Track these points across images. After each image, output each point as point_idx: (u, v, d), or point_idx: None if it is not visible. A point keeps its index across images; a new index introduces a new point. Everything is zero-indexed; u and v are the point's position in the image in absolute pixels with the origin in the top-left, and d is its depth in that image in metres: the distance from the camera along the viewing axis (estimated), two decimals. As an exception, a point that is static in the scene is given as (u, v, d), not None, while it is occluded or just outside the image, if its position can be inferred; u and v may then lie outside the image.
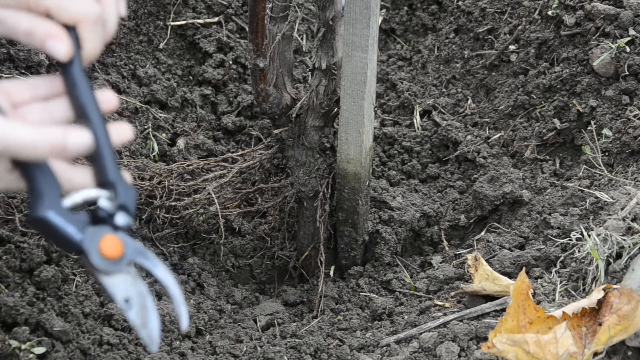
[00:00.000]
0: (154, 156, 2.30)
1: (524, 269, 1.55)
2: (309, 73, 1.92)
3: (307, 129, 1.96)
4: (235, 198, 2.19)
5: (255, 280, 2.18)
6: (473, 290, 1.79)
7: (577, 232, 1.79)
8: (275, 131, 2.01)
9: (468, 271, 1.81)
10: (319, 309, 2.00)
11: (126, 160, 2.20)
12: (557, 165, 2.17)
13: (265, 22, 1.82)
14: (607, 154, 2.03)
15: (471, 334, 1.66)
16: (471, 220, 2.14)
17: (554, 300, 1.68)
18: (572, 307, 1.56)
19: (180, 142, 2.40)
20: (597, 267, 1.65)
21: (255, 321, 1.95)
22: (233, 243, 2.19)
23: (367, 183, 1.97)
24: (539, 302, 1.70)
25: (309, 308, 2.05)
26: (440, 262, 2.08)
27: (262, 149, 2.13)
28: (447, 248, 2.10)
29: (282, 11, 1.81)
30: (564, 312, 1.54)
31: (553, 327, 1.51)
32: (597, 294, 1.56)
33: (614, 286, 1.57)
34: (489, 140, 2.29)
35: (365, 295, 2.00)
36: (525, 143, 2.23)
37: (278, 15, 1.82)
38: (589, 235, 1.69)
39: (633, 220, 1.70)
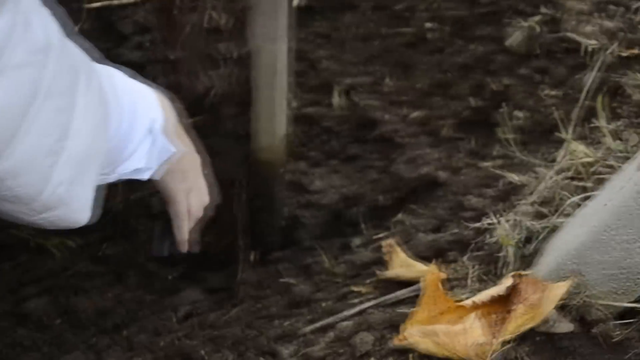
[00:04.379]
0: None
1: (433, 261, 1.54)
2: (222, 62, 1.88)
3: (222, 117, 1.93)
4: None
5: (179, 266, 2.15)
6: (389, 277, 1.78)
7: (489, 216, 1.79)
8: (190, 120, 1.97)
9: (384, 258, 1.80)
10: (239, 297, 1.98)
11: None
12: (473, 144, 2.17)
13: (174, 12, 1.78)
14: (521, 132, 2.03)
15: (386, 322, 1.66)
16: (390, 202, 2.13)
17: (466, 286, 1.68)
18: (482, 296, 1.56)
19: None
20: (507, 253, 1.65)
21: (175, 311, 1.93)
22: (153, 228, 2.16)
23: (281, 171, 1.96)
24: (452, 288, 1.70)
25: (229, 295, 2.03)
26: (359, 245, 2.07)
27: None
28: (364, 231, 2.08)
29: (190, 2, 1.77)
30: (473, 302, 1.54)
31: (463, 317, 1.51)
32: (506, 282, 1.57)
33: (524, 272, 1.58)
34: (407, 119, 2.28)
35: (284, 282, 1.98)
36: (442, 122, 2.23)
37: (187, 6, 1.78)
38: (499, 222, 1.69)
39: (541, 204, 1.71)
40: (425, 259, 1.85)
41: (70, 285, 1.89)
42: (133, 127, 1.28)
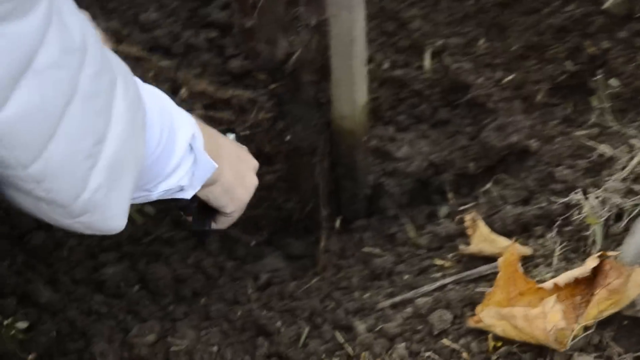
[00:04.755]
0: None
1: (514, 239, 1.50)
2: (300, 28, 1.86)
3: (303, 84, 1.92)
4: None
5: (262, 232, 2.15)
6: (471, 252, 1.75)
7: (578, 191, 1.73)
8: (271, 86, 1.96)
9: (466, 232, 1.76)
10: (320, 266, 1.97)
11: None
12: (569, 110, 2.09)
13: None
14: (617, 99, 1.95)
15: (465, 300, 1.63)
16: (479, 170, 2.08)
17: (551, 264, 1.63)
18: (565, 277, 1.52)
19: (184, 90, 2.36)
20: (594, 231, 1.60)
21: (255, 279, 1.93)
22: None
23: (364, 138, 1.93)
24: (536, 266, 1.66)
25: (312, 262, 2.02)
26: (445, 215, 2.03)
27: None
28: (451, 200, 2.04)
29: (267, -33, 1.75)
30: (554, 283, 1.50)
31: (543, 300, 1.47)
32: (591, 262, 1.52)
33: (610, 253, 1.52)
34: (501, 83, 2.21)
35: (366, 251, 1.97)
36: (537, 87, 2.15)
37: (264, -28, 1.76)
38: (587, 198, 1.63)
39: (634, 180, 1.64)
40: (511, 233, 1.81)
41: (150, 251, 1.90)
42: (174, 141, 1.27)
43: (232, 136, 1.79)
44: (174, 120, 1.30)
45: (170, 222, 2.02)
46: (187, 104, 2.27)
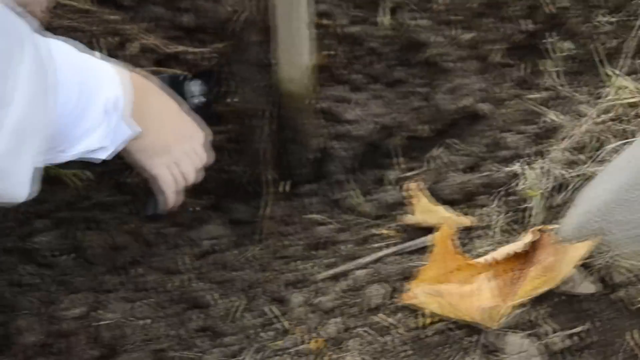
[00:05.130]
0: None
1: (445, 222, 1.46)
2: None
3: (249, 45, 1.87)
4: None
5: (208, 195, 2.12)
6: (413, 223, 1.72)
7: (522, 160, 1.70)
8: (218, 45, 1.92)
9: (409, 202, 1.73)
10: (263, 232, 1.94)
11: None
12: (522, 71, 2.05)
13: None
14: (570, 62, 1.91)
15: (404, 273, 1.61)
16: (429, 133, 2.04)
17: (490, 237, 1.60)
18: (501, 252, 1.50)
19: (133, 45, 2.30)
20: (533, 204, 1.57)
21: (194, 247, 1.90)
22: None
23: (312, 102, 1.89)
24: (477, 238, 1.63)
25: (253, 229, 1.99)
26: (395, 180, 2.00)
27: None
28: (400, 165, 2.01)
29: None
30: (486, 259, 1.47)
31: (475, 276, 1.45)
32: (528, 237, 1.49)
33: (547, 227, 1.49)
34: (458, 42, 2.16)
35: (310, 218, 1.94)
36: (492, 46, 2.11)
37: None
38: (530, 168, 1.60)
39: (577, 150, 1.61)
40: (454, 202, 1.78)
41: (85, 218, 1.87)
42: (87, 105, 1.24)
43: (197, 83, 1.76)
44: (90, 80, 1.26)
45: (111, 186, 1.99)
46: (136, 59, 2.23)
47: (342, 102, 2.11)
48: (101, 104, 1.28)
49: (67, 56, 1.23)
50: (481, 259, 1.47)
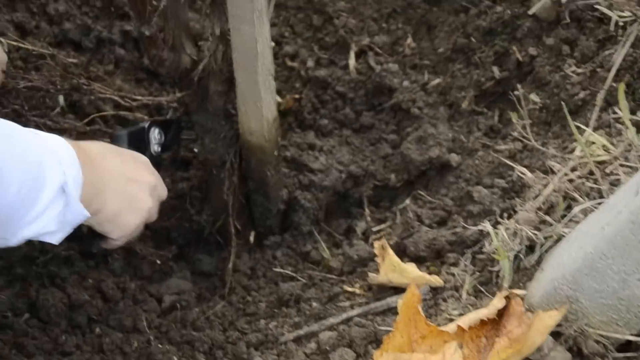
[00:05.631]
0: (60, 108, 2.18)
1: (413, 285, 1.44)
2: (206, 37, 1.78)
3: (211, 94, 1.85)
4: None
5: (172, 245, 2.09)
6: (380, 282, 1.70)
7: (493, 216, 1.68)
8: (177, 95, 1.89)
9: (375, 260, 1.72)
10: (229, 286, 1.91)
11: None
12: (495, 119, 2.04)
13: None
14: (539, 114, 1.90)
15: (370, 336, 1.59)
16: (400, 183, 2.03)
17: (460, 299, 1.59)
18: (469, 319, 1.47)
19: (93, 89, 2.27)
20: (503, 266, 1.55)
21: (159, 302, 1.87)
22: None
23: (275, 153, 1.88)
24: (445, 299, 1.62)
25: (221, 282, 1.97)
26: (363, 231, 1.98)
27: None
28: (369, 216, 1.99)
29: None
30: (458, 326, 1.45)
31: (445, 344, 1.43)
32: (496, 302, 1.47)
33: (517, 291, 1.48)
34: (427, 87, 2.16)
35: (277, 272, 1.92)
36: (463, 93, 2.10)
37: (161, -19, 1.68)
38: (497, 229, 1.58)
39: (547, 209, 1.59)
40: (422, 259, 1.77)
41: (44, 273, 1.84)
42: (39, 189, 1.21)
43: (156, 131, 1.78)
44: (43, 167, 1.24)
45: (68, 239, 1.95)
46: (94, 105, 2.20)
47: (308, 150, 2.09)
48: (53, 189, 1.25)
49: (11, 142, 1.20)
50: (448, 327, 1.45)
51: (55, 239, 1.30)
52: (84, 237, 1.58)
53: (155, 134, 1.83)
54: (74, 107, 2.22)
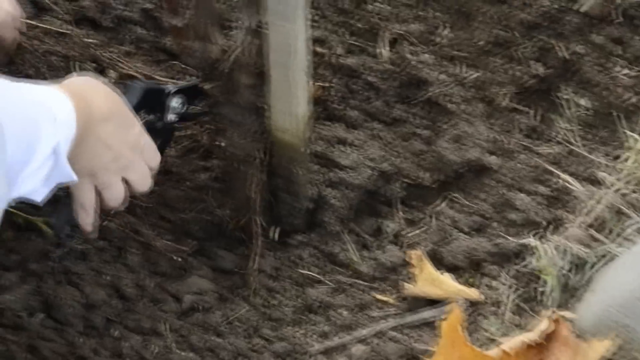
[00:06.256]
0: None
1: (456, 305, 1.39)
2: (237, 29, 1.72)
3: (240, 88, 1.78)
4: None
5: (191, 240, 2.03)
6: (415, 294, 1.64)
7: (536, 229, 1.62)
8: (205, 86, 1.83)
9: (411, 272, 1.66)
10: (251, 287, 1.86)
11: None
12: (535, 120, 1.97)
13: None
14: (585, 119, 1.83)
15: (404, 354, 1.54)
16: (434, 184, 1.96)
17: (500, 316, 1.53)
18: (514, 343, 1.43)
19: (112, 72, 2.21)
20: (548, 284, 1.50)
21: (178, 301, 1.82)
22: (166, 194, 2.03)
23: (305, 151, 1.82)
24: (485, 316, 1.56)
25: (242, 282, 1.91)
26: (394, 234, 1.92)
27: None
28: (400, 215, 1.93)
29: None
30: (503, 351, 1.39)
31: (489, 369, 1.37)
32: (544, 326, 1.42)
33: (566, 314, 1.42)
34: (463, 81, 2.08)
35: (303, 273, 1.86)
36: (503, 89, 2.03)
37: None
38: (542, 244, 1.52)
39: (598, 226, 1.53)
40: (458, 269, 1.70)
41: (61, 268, 1.78)
42: (32, 150, 1.16)
43: (179, 100, 1.76)
44: (38, 126, 1.18)
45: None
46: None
47: (337, 145, 2.02)
48: (46, 152, 1.19)
49: (9, 101, 1.14)
50: (492, 352, 1.39)
51: (39, 197, 1.26)
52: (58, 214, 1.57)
53: (176, 102, 1.77)
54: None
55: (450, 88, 2.08)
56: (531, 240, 1.61)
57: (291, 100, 1.72)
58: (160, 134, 1.72)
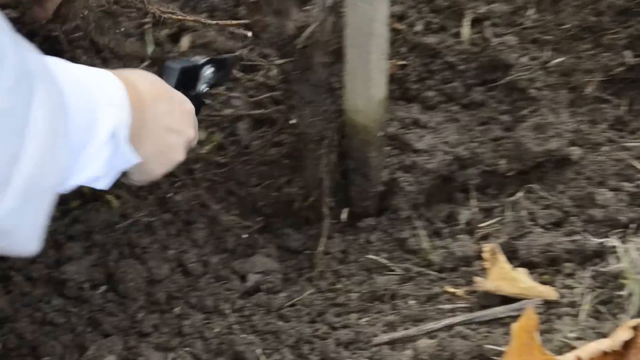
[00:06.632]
0: (149, 61, 2.10)
1: (530, 309, 1.34)
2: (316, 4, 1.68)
3: (314, 65, 1.75)
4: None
5: (258, 216, 2.00)
6: (487, 289, 1.59)
7: (619, 230, 1.56)
8: (279, 62, 1.79)
9: (484, 265, 1.61)
10: (318, 269, 1.83)
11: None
12: (623, 110, 1.90)
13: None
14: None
15: (474, 352, 1.49)
16: (510, 172, 1.91)
17: (576, 318, 1.48)
18: (590, 350, 1.38)
19: (185, 40, 2.18)
20: (630, 290, 1.44)
21: (242, 280, 1.80)
22: (235, 168, 2.01)
23: (379, 134, 1.78)
24: (559, 317, 1.51)
25: (309, 261, 1.88)
26: (467, 222, 1.87)
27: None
28: (475, 203, 1.88)
29: None
30: (577, 358, 1.34)
31: (563, 375, 1.33)
32: (623, 333, 1.36)
33: (645, 323, 1.37)
34: (547, 66, 2.02)
35: (372, 259, 1.82)
36: (589, 76, 1.96)
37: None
38: (626, 246, 1.47)
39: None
40: (536, 265, 1.66)
41: (124, 241, 1.76)
42: (92, 132, 1.13)
43: (209, 70, 1.73)
44: (97, 108, 1.17)
45: (151, 204, 1.88)
46: (185, 56, 2.12)
47: (412, 126, 1.97)
48: (109, 129, 1.17)
49: (73, 83, 1.12)
50: (566, 357, 1.34)
51: (103, 184, 1.23)
52: None
53: (207, 72, 1.75)
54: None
55: (532, 72, 2.02)
56: (612, 240, 1.55)
57: (367, 82, 1.68)
58: (192, 102, 1.70)
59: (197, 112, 1.66)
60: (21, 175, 0.92)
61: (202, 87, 1.74)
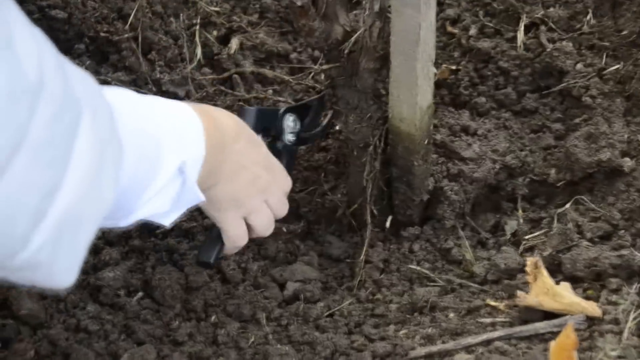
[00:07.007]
0: (197, 62, 2.10)
1: (570, 327, 1.31)
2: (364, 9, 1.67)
3: (360, 70, 1.74)
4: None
5: (302, 219, 1.99)
6: (528, 304, 1.56)
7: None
8: (324, 67, 1.79)
9: (526, 279, 1.58)
10: (358, 278, 1.81)
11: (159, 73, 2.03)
12: (680, 121, 1.86)
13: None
14: None
15: (512, 368, 1.46)
16: (560, 182, 1.87)
17: (619, 336, 1.44)
18: (630, 370, 1.33)
19: (233, 42, 2.18)
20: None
21: (281, 288, 1.79)
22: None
23: (424, 142, 1.75)
24: (603, 334, 1.47)
25: (350, 270, 1.87)
26: (513, 232, 1.84)
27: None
28: (522, 214, 1.85)
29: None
30: (616, 377, 1.31)
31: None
32: (665, 355, 1.32)
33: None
34: (603, 73, 1.97)
35: (413, 269, 1.81)
36: (646, 85, 1.92)
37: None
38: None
39: None
40: (580, 279, 1.62)
41: (161, 247, 1.77)
42: (155, 169, 1.12)
43: (290, 118, 1.76)
44: (160, 144, 1.15)
45: (190, 209, 1.87)
46: (234, 58, 2.12)
47: (460, 133, 1.95)
48: (175, 164, 1.16)
49: (137, 112, 1.11)
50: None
51: (168, 221, 1.23)
52: (202, 245, 1.59)
53: (289, 122, 1.75)
54: (210, 60, 2.13)
55: (587, 80, 1.98)
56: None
57: (412, 90, 1.66)
58: (282, 155, 1.71)
59: (290, 167, 1.67)
60: (58, 208, 0.90)
61: (290, 138, 1.74)
